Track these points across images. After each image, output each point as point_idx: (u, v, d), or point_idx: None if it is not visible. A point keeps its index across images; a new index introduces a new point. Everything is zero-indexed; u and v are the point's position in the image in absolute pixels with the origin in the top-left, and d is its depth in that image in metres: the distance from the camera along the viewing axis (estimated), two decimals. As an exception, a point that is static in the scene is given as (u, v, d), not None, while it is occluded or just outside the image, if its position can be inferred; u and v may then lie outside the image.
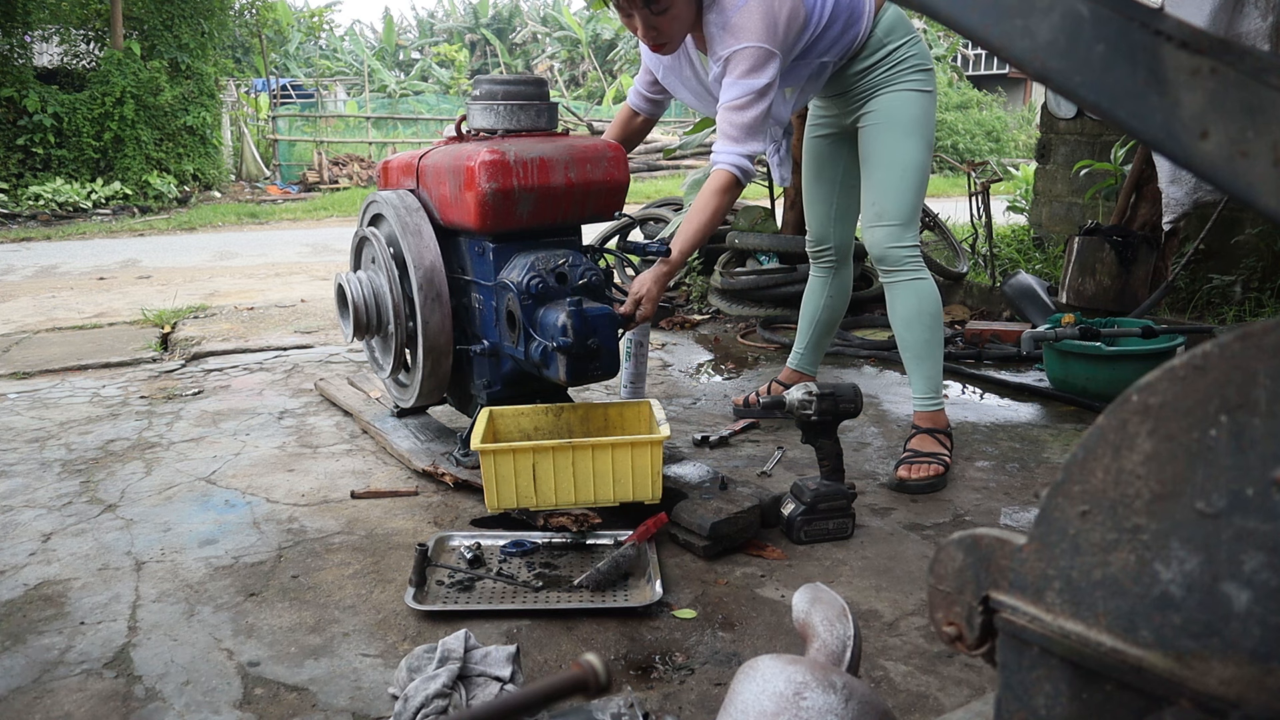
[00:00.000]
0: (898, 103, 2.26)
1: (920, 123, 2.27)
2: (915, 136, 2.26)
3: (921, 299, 2.29)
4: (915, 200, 2.28)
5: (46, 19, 11.75)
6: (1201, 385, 0.52)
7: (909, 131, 2.26)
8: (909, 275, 2.29)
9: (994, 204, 5.37)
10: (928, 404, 2.34)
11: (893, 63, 2.27)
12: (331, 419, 2.87)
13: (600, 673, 0.69)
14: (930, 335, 2.30)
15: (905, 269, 2.29)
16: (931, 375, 2.33)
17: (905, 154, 2.26)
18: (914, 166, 2.26)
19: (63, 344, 3.98)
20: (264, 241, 8.38)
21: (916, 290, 2.29)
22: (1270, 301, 3.89)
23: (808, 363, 2.81)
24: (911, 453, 2.29)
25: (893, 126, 2.27)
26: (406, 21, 30.07)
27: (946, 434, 2.35)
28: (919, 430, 2.34)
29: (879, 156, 2.29)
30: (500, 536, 1.94)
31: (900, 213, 2.26)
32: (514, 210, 2.09)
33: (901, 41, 2.26)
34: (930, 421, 2.34)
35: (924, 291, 2.29)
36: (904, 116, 2.26)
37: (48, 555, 1.94)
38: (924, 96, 2.27)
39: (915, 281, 2.29)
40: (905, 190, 2.26)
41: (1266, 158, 0.48)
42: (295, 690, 1.44)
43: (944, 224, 5.15)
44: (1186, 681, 0.53)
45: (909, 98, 2.26)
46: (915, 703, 1.39)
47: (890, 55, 2.27)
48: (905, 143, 2.26)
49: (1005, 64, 1.55)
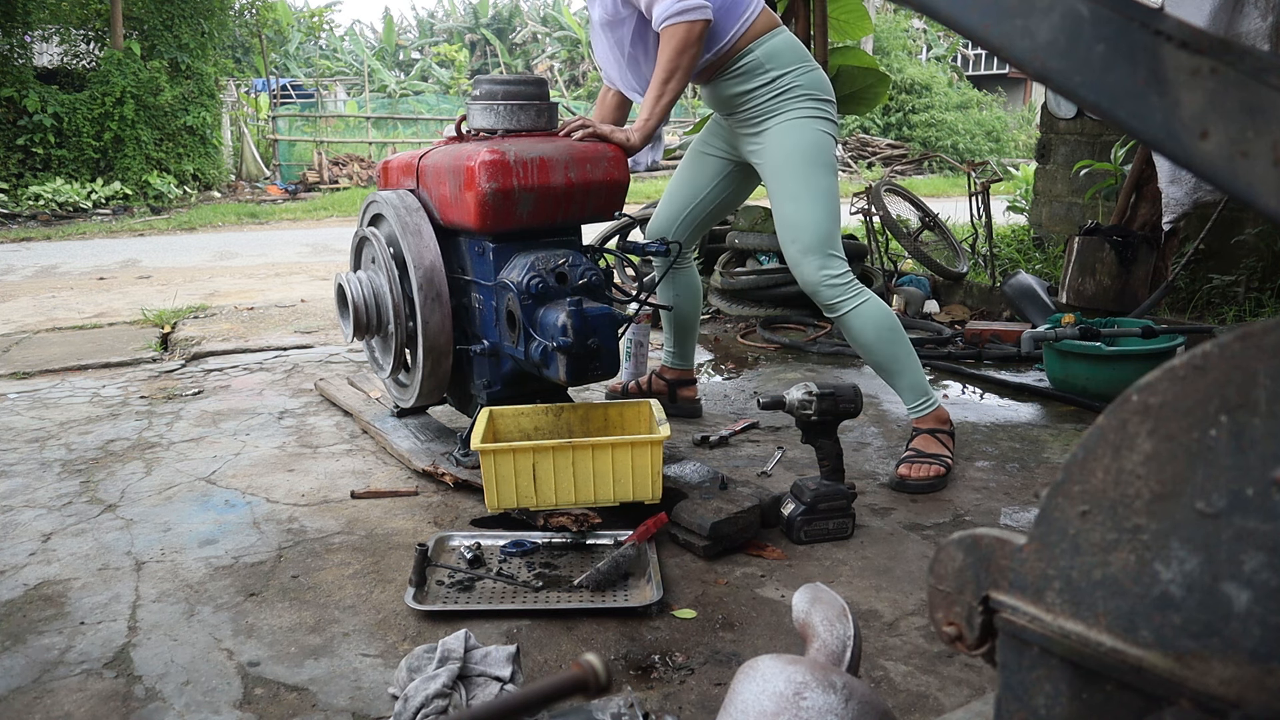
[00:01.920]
0: (790, 132, 2.23)
1: (818, 149, 2.23)
2: (815, 164, 2.22)
3: (872, 320, 2.24)
4: (830, 226, 2.23)
5: (46, 19, 11.75)
6: (1201, 385, 0.52)
7: (810, 160, 2.22)
8: (850, 305, 2.24)
9: (994, 204, 5.37)
10: (921, 408, 2.32)
11: (777, 90, 2.24)
12: (331, 419, 2.87)
13: (600, 673, 0.69)
14: (894, 349, 2.26)
15: (844, 299, 2.24)
16: (913, 383, 2.30)
17: (811, 183, 2.22)
18: (822, 194, 2.22)
19: (63, 344, 3.98)
20: (264, 241, 8.38)
21: (862, 315, 2.24)
22: (1270, 301, 3.89)
23: (679, 359, 2.81)
24: (914, 452, 2.29)
25: (791, 157, 2.24)
26: (406, 21, 30.06)
27: (948, 432, 2.34)
28: (919, 431, 2.33)
29: (786, 189, 2.25)
30: (500, 536, 1.94)
31: (818, 241, 2.22)
32: (514, 210, 2.09)
33: (786, 70, 2.23)
34: (930, 421, 2.33)
35: (870, 313, 2.24)
36: (800, 146, 2.23)
37: (48, 555, 1.94)
38: (817, 123, 2.23)
39: (858, 308, 2.23)
40: (819, 218, 2.22)
41: (1266, 158, 0.48)
42: (295, 690, 1.44)
43: (944, 224, 5.15)
44: (1186, 681, 0.53)
45: (800, 126, 2.22)
46: (915, 703, 1.39)
47: (775, 83, 2.24)
48: (809, 172, 2.22)
49: (1005, 64, 1.55)
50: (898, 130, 18.30)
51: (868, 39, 15.32)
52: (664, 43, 2.12)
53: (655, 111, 2.18)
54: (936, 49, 21.41)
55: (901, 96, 18.23)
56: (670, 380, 2.82)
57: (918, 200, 5.15)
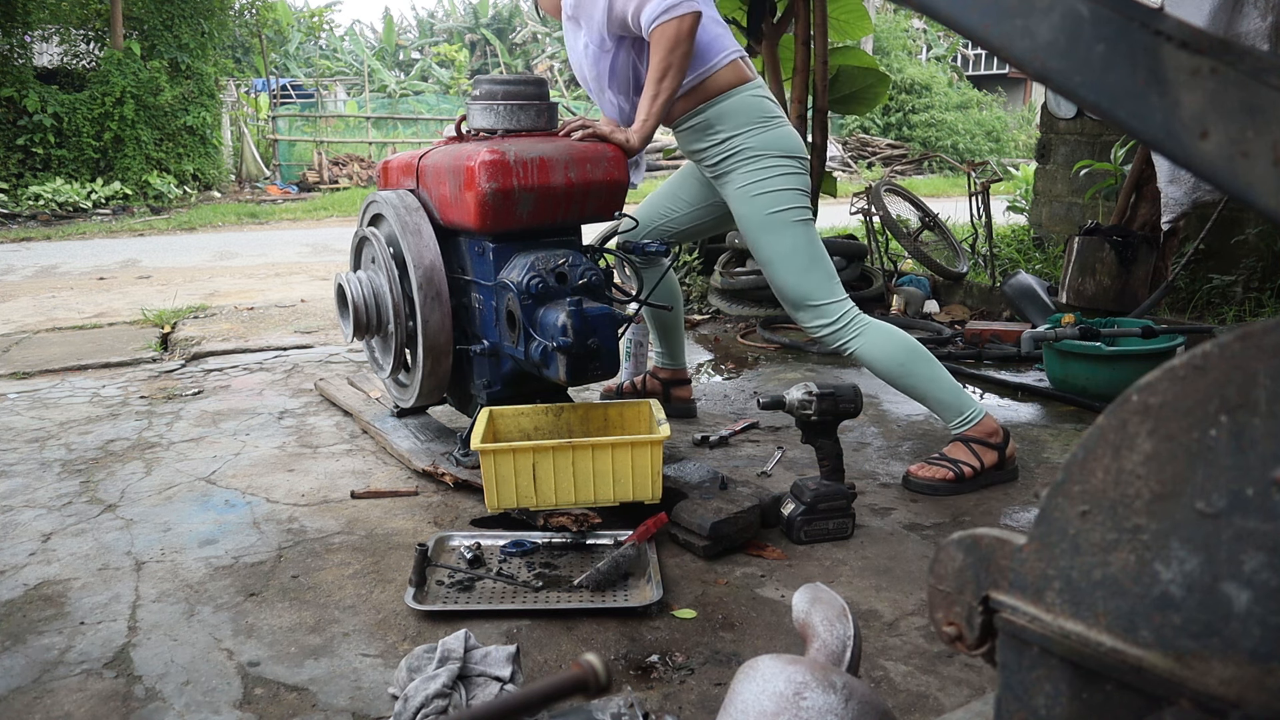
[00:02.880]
0: (746, 199, 2.22)
1: (776, 207, 2.20)
2: (775, 225, 2.21)
3: (883, 350, 2.20)
4: (804, 282, 2.21)
5: (46, 19, 11.75)
6: (1201, 385, 0.52)
7: (767, 225, 2.21)
8: (856, 344, 2.21)
9: (994, 204, 5.38)
10: (962, 424, 2.22)
11: (727, 152, 2.23)
12: (331, 419, 2.87)
13: (600, 673, 0.69)
14: (914, 375, 2.20)
15: (845, 342, 2.22)
16: (946, 402, 2.22)
17: (775, 246, 2.21)
18: (789, 253, 2.21)
19: (63, 344, 3.98)
20: (264, 241, 8.38)
21: (867, 350, 2.20)
22: (1270, 301, 3.89)
23: (668, 358, 2.81)
24: (938, 455, 2.25)
25: (750, 223, 2.24)
26: (406, 21, 30.05)
27: (991, 445, 2.22)
28: (958, 438, 2.25)
29: (757, 252, 2.26)
30: (500, 536, 1.94)
31: (801, 297, 2.22)
32: (514, 210, 2.09)
33: (736, 132, 2.21)
34: (971, 432, 2.23)
35: (879, 343, 2.20)
36: (756, 213, 2.22)
37: (48, 555, 1.94)
38: (773, 181, 2.20)
39: (865, 344, 2.20)
40: (793, 276, 2.21)
41: (1266, 158, 0.48)
42: (295, 690, 1.44)
43: (944, 224, 5.15)
44: (1186, 681, 0.53)
45: (754, 190, 2.21)
46: (915, 703, 1.39)
47: (724, 144, 2.23)
48: (769, 237, 2.22)
49: (1005, 64, 1.55)
50: (898, 130, 18.30)
51: (868, 39, 15.33)
52: (655, 44, 2.09)
53: (652, 111, 2.17)
54: (936, 49, 21.40)
55: (901, 96, 18.23)
56: (664, 380, 2.82)
57: (918, 200, 5.16)
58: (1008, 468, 2.26)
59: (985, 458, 2.21)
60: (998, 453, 2.23)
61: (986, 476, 2.23)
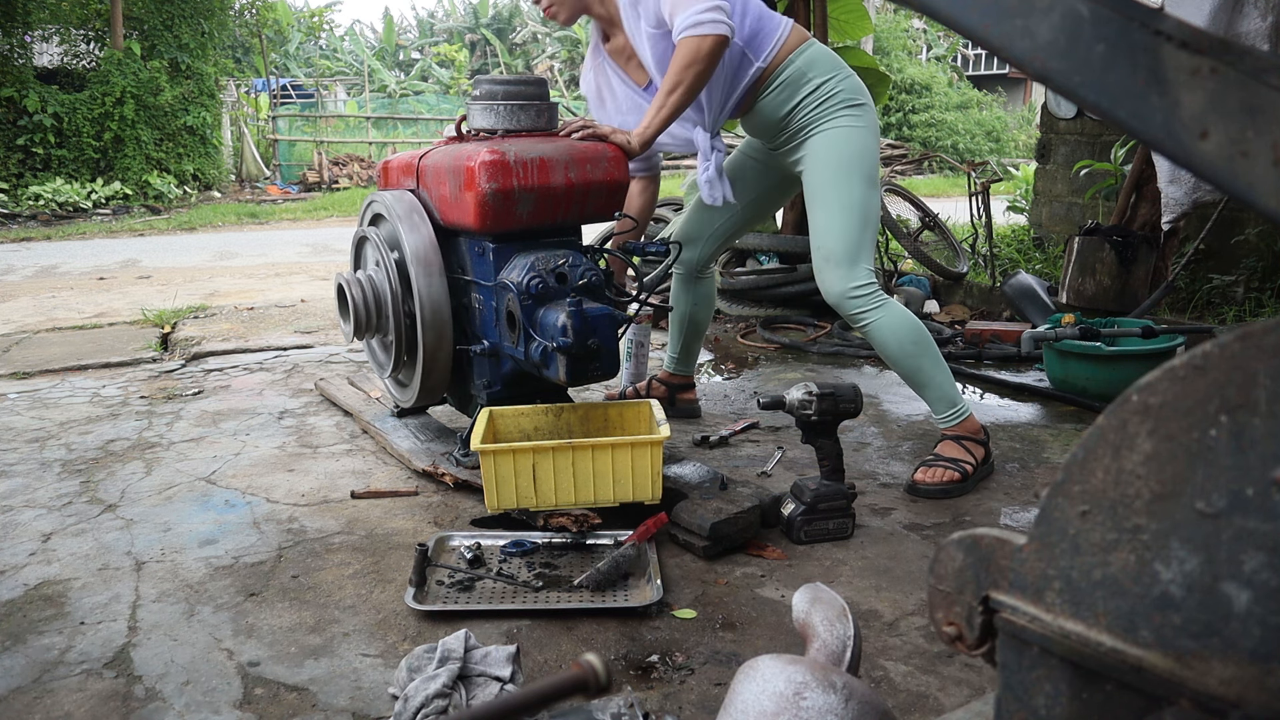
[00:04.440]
0: (831, 142, 2.23)
1: (858, 159, 2.22)
2: (853, 175, 2.21)
3: (896, 331, 2.21)
4: (859, 238, 2.21)
5: (46, 19, 11.75)
6: (1201, 385, 0.52)
7: (846, 170, 2.21)
8: (873, 316, 2.21)
9: (994, 204, 5.38)
10: (951, 419, 2.26)
11: (820, 99, 2.24)
12: (331, 419, 2.87)
13: (600, 673, 0.69)
14: (920, 360, 2.22)
15: (867, 312, 2.22)
16: (942, 393, 2.25)
17: (843, 194, 2.21)
18: (853, 205, 2.21)
19: (63, 344, 3.98)
20: (264, 241, 8.38)
21: (882, 327, 2.21)
22: (1270, 301, 3.89)
23: (682, 365, 2.81)
24: (934, 456, 2.26)
25: (828, 166, 2.23)
26: (406, 21, 30.05)
27: (978, 440, 2.27)
28: (947, 436, 2.28)
29: (818, 199, 2.25)
30: (500, 536, 1.94)
31: (844, 252, 2.21)
32: (514, 210, 2.09)
33: (827, 78, 2.24)
34: (958, 430, 2.27)
35: (895, 323, 2.21)
36: (838, 156, 2.22)
37: (48, 555, 1.94)
38: (858, 132, 2.23)
39: (879, 320, 2.21)
40: (847, 229, 2.20)
41: (1266, 158, 0.48)
42: (295, 690, 1.44)
43: (944, 224, 5.15)
44: (1186, 681, 0.53)
45: (842, 135, 2.22)
46: (915, 703, 1.39)
47: (816, 92, 2.24)
48: (842, 182, 2.21)
49: (1005, 64, 1.55)
50: (898, 130, 18.30)
51: (868, 39, 15.31)
52: (677, 53, 2.10)
53: (655, 121, 2.17)
54: (936, 49, 21.39)
55: (901, 96, 18.23)
56: (671, 385, 2.82)
57: (918, 200, 5.16)
58: (990, 462, 2.34)
59: (975, 453, 2.27)
60: (984, 448, 2.30)
61: (979, 471, 2.28)
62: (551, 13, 2.34)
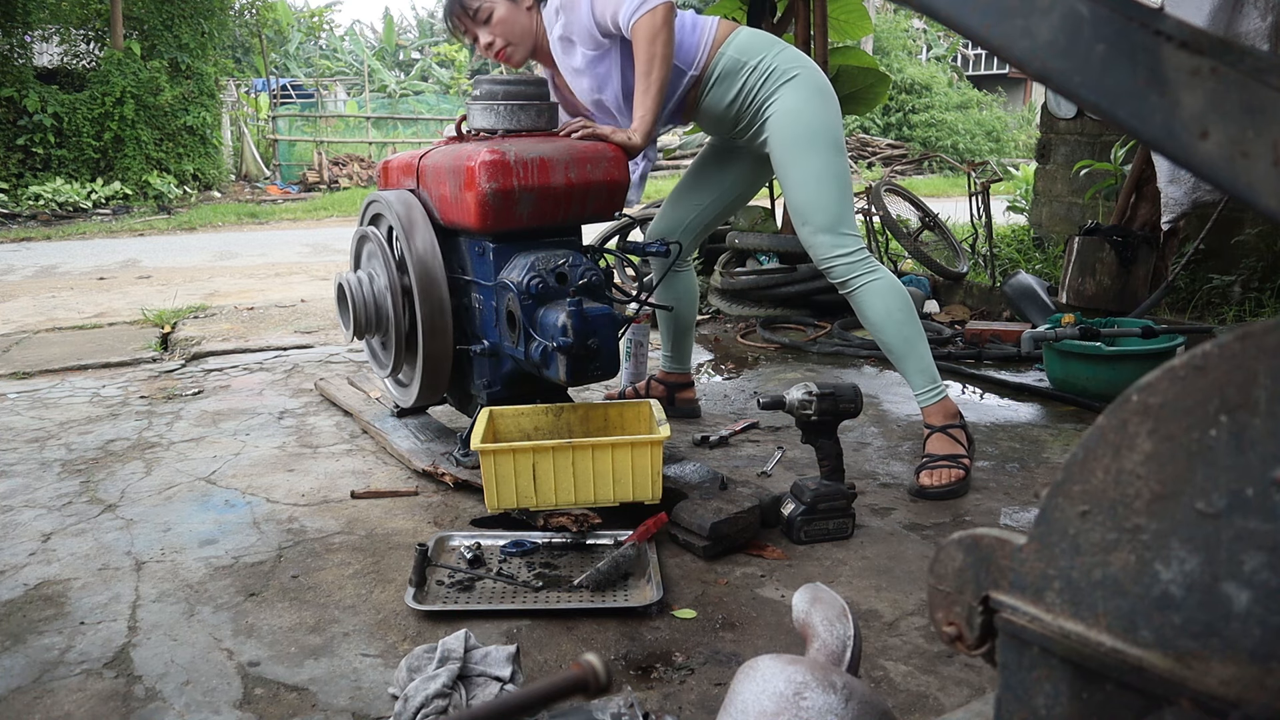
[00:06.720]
0: (785, 117, 2.25)
1: (818, 128, 2.23)
2: (815, 143, 2.23)
3: (884, 298, 2.23)
4: (838, 202, 2.23)
5: (46, 19, 11.75)
6: (1201, 385, 0.52)
7: (808, 141, 2.23)
8: (862, 281, 2.23)
9: (994, 204, 5.37)
10: (929, 396, 2.27)
11: (759, 79, 2.26)
12: (331, 419, 2.87)
13: (600, 673, 0.69)
14: (905, 330, 2.24)
15: (857, 276, 2.23)
16: (922, 366, 2.26)
17: (812, 165, 2.23)
18: (824, 173, 2.22)
19: (63, 344, 3.98)
20: (264, 241, 8.38)
21: (874, 291, 2.23)
22: (1270, 301, 3.89)
23: (676, 363, 2.82)
24: (929, 457, 2.24)
25: (788, 141, 2.25)
26: (406, 21, 30.02)
27: (960, 426, 2.29)
28: (932, 430, 2.28)
29: (789, 175, 2.27)
30: (500, 536, 1.94)
31: (827, 218, 2.22)
32: (514, 210, 2.09)
33: (760, 57, 2.26)
34: (939, 415, 2.27)
35: (884, 290, 2.23)
36: (795, 129, 2.24)
37: (48, 555, 1.94)
38: (809, 101, 2.24)
39: (872, 284, 2.23)
40: (823, 197, 2.22)
41: (1266, 158, 0.48)
42: (295, 690, 1.44)
43: (944, 224, 5.15)
44: (1186, 681, 0.53)
45: (796, 108, 2.24)
46: (915, 703, 1.39)
47: (755, 74, 2.27)
48: (808, 153, 2.23)
49: (1005, 64, 1.55)
50: (898, 130, 18.30)
51: (868, 39, 15.33)
52: (636, 41, 2.15)
53: (648, 105, 2.19)
54: (936, 49, 21.39)
55: (901, 96, 18.22)
56: (669, 384, 2.82)
57: (918, 200, 5.15)
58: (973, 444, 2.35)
59: (963, 440, 2.28)
60: (965, 432, 2.30)
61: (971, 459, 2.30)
62: (505, 55, 2.34)
